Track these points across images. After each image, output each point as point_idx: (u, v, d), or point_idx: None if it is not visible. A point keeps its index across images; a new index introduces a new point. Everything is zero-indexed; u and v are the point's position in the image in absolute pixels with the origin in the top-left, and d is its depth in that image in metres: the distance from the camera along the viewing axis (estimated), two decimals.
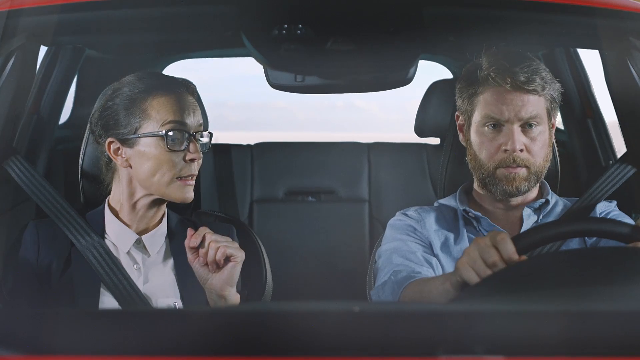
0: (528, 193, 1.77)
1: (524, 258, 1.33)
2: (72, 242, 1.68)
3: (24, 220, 1.76)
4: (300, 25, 1.93)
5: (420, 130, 2.72)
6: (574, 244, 1.72)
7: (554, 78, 1.74)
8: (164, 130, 1.63)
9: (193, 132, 1.66)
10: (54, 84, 2.66)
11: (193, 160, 1.66)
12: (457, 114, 1.83)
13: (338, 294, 2.69)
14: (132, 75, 1.71)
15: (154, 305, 1.65)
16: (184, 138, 1.65)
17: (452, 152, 1.96)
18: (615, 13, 1.83)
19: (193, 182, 1.68)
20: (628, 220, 1.69)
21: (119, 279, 1.64)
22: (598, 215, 1.77)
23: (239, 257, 1.58)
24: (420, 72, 2.44)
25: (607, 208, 1.79)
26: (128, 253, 1.70)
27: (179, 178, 1.65)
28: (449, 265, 1.72)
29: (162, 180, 1.65)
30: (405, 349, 1.00)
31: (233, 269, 1.59)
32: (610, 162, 2.68)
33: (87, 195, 1.81)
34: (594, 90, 2.84)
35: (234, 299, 1.62)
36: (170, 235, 1.75)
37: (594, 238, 1.70)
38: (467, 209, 1.78)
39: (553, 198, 1.82)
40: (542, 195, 1.80)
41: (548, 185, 1.83)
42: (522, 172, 1.71)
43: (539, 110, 1.70)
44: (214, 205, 2.81)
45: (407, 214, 1.82)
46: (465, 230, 1.77)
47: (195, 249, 1.58)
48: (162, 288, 1.68)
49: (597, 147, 2.76)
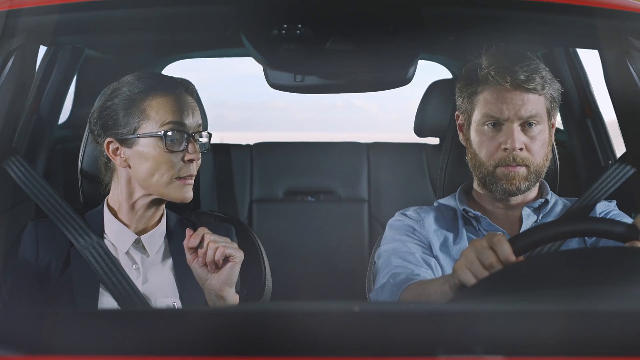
0: (528, 193, 1.77)
1: (521, 259, 1.33)
2: (71, 242, 1.68)
3: (23, 220, 1.76)
4: (300, 25, 1.93)
5: (420, 130, 2.72)
6: (574, 244, 1.72)
7: (554, 78, 1.74)
8: (163, 131, 1.63)
9: (192, 132, 1.66)
10: (54, 84, 2.66)
11: (192, 161, 1.66)
12: (457, 114, 1.83)
13: (338, 294, 2.69)
14: (131, 75, 1.71)
15: (153, 305, 1.65)
16: (183, 138, 1.65)
17: (451, 152, 1.96)
18: (615, 13, 1.83)
19: (192, 181, 1.68)
20: (628, 220, 1.69)
21: (118, 279, 1.63)
22: (598, 215, 1.77)
23: (238, 257, 1.58)
24: (420, 72, 2.44)
25: (607, 208, 1.79)
26: (127, 253, 1.70)
27: (178, 178, 1.65)
28: (448, 266, 1.72)
29: (161, 181, 1.65)
30: (405, 349, 1.00)
31: (232, 269, 1.58)
32: (610, 162, 2.68)
33: (86, 195, 1.81)
34: (594, 90, 2.83)
35: (233, 299, 1.62)
36: (169, 235, 1.75)
37: (594, 238, 1.70)
38: (466, 209, 1.78)
39: (552, 198, 1.81)
40: (541, 195, 1.80)
41: (547, 185, 1.83)
42: (521, 171, 1.71)
43: (539, 110, 1.70)
44: (214, 205, 2.81)
45: (406, 214, 1.82)
46: (465, 230, 1.77)
47: (194, 249, 1.58)
48: (161, 288, 1.68)
49: (596, 147, 2.76)
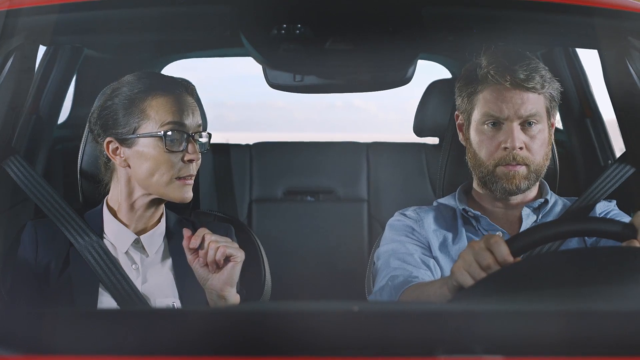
0: (527, 192, 1.77)
1: (518, 260, 1.33)
2: (70, 242, 1.68)
3: (23, 220, 1.77)
4: (299, 25, 1.93)
5: (419, 130, 2.72)
6: (574, 244, 1.72)
7: (554, 77, 1.74)
8: (163, 131, 1.63)
9: (192, 132, 1.66)
10: (53, 84, 2.65)
11: (191, 161, 1.66)
12: (456, 113, 1.83)
13: (337, 294, 2.69)
14: (131, 75, 1.70)
15: (153, 305, 1.65)
16: (183, 139, 1.64)
17: (451, 151, 1.96)
18: (614, 13, 1.83)
19: (192, 182, 1.67)
20: (627, 220, 1.69)
21: (118, 279, 1.63)
22: (598, 215, 1.77)
23: (239, 257, 1.58)
24: (419, 71, 2.44)
25: (606, 208, 1.79)
26: (126, 253, 1.70)
27: (178, 178, 1.65)
28: (448, 266, 1.72)
29: (160, 181, 1.65)
30: (405, 349, 1.00)
31: (233, 269, 1.58)
32: (609, 161, 2.68)
33: (85, 195, 1.81)
34: (593, 90, 2.83)
35: (234, 299, 1.61)
36: (169, 235, 1.75)
37: (594, 238, 1.70)
38: (466, 208, 1.78)
39: (552, 198, 1.81)
40: (541, 195, 1.80)
41: (547, 185, 1.83)
42: (521, 170, 1.71)
43: (539, 109, 1.70)
44: (213, 205, 2.81)
45: (405, 214, 1.82)
46: (464, 230, 1.77)
47: (195, 250, 1.58)
48: (160, 288, 1.68)
49: (596, 146, 2.76)
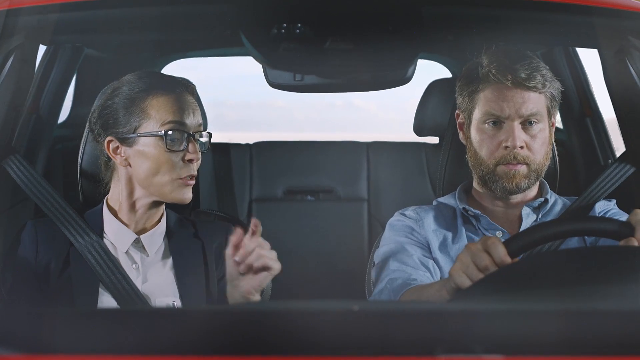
0: (527, 192, 1.77)
1: (516, 261, 1.34)
2: (70, 241, 1.68)
3: (23, 220, 1.76)
4: (299, 25, 1.93)
5: (419, 130, 2.72)
6: (573, 243, 1.72)
7: (554, 76, 1.74)
8: (164, 130, 1.63)
9: (192, 132, 1.66)
10: (53, 83, 2.65)
11: (192, 161, 1.66)
12: (457, 112, 1.83)
13: (337, 293, 2.69)
14: (131, 75, 1.70)
15: (153, 305, 1.65)
16: (184, 138, 1.64)
17: (451, 151, 1.96)
18: (614, 12, 1.83)
19: (192, 182, 1.67)
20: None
21: (118, 279, 1.63)
22: (597, 214, 1.77)
23: (276, 269, 1.55)
24: (419, 71, 2.44)
25: (606, 207, 1.79)
26: (127, 253, 1.69)
27: (178, 178, 1.65)
28: (447, 266, 1.72)
29: (161, 181, 1.65)
30: (405, 348, 1.00)
31: (265, 279, 1.55)
32: (609, 161, 2.68)
33: (86, 195, 1.81)
34: (593, 90, 2.83)
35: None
36: (169, 235, 1.74)
37: (594, 237, 1.70)
38: (466, 207, 1.78)
39: (552, 197, 1.81)
40: (541, 194, 1.80)
41: (547, 184, 1.83)
42: (522, 169, 1.71)
43: (539, 108, 1.70)
44: (213, 204, 2.81)
45: (405, 214, 1.82)
46: (464, 229, 1.77)
47: (237, 247, 1.53)
48: (160, 287, 1.68)
49: (596, 146, 2.76)
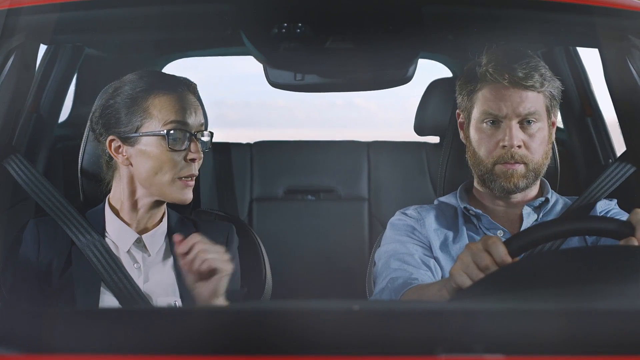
0: (528, 191, 1.77)
1: (517, 260, 1.34)
2: (72, 240, 1.68)
3: (24, 219, 1.76)
4: (300, 24, 1.93)
5: (420, 129, 2.72)
6: (574, 243, 1.72)
7: (554, 76, 1.74)
8: (166, 130, 1.63)
9: (194, 131, 1.66)
10: (54, 83, 2.65)
11: (194, 160, 1.66)
12: (457, 112, 1.83)
13: (338, 293, 2.69)
14: (132, 74, 1.70)
15: (154, 304, 1.65)
16: (185, 138, 1.65)
17: (451, 150, 1.96)
18: (615, 12, 1.83)
19: (193, 183, 1.67)
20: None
21: (119, 278, 1.63)
22: (598, 214, 1.77)
23: (226, 270, 1.53)
24: (420, 70, 2.45)
25: (607, 206, 1.79)
26: (128, 252, 1.69)
27: (180, 178, 1.65)
28: (448, 266, 1.72)
29: (162, 180, 1.65)
30: (405, 348, 1.00)
31: (219, 282, 1.53)
32: (610, 160, 2.68)
33: (86, 194, 1.81)
34: (594, 89, 2.83)
35: None
36: (170, 234, 1.74)
37: (595, 237, 1.70)
38: (467, 207, 1.78)
39: (553, 197, 1.81)
40: (542, 194, 1.80)
41: (548, 184, 1.82)
42: (520, 168, 1.71)
43: (538, 107, 1.70)
44: (214, 204, 2.81)
45: (406, 214, 1.82)
46: (465, 229, 1.77)
47: (185, 255, 1.54)
48: (162, 287, 1.68)
49: (596, 145, 2.75)
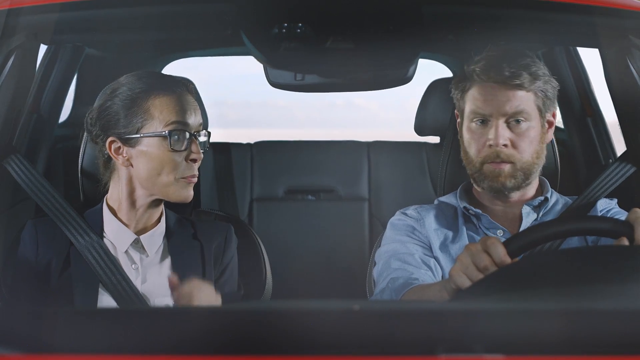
0: (527, 190, 1.77)
1: (516, 261, 1.34)
2: (71, 241, 1.68)
3: (24, 219, 1.76)
4: (300, 24, 1.93)
5: (420, 129, 2.72)
6: (575, 243, 1.72)
7: (550, 75, 1.73)
8: (167, 131, 1.63)
9: (194, 132, 1.66)
10: (54, 83, 2.65)
11: (195, 160, 1.66)
12: (456, 112, 1.83)
13: (338, 292, 2.69)
14: (129, 75, 1.70)
15: (152, 305, 1.65)
16: (186, 138, 1.65)
17: (451, 150, 1.97)
18: (615, 11, 1.83)
19: (195, 180, 1.68)
20: None
21: (118, 279, 1.63)
22: (599, 213, 1.76)
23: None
24: (420, 70, 2.45)
25: (607, 206, 1.79)
26: (126, 253, 1.69)
27: (182, 178, 1.65)
28: (448, 265, 1.72)
29: (164, 180, 1.65)
30: (405, 348, 1.00)
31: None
32: (610, 160, 2.68)
33: (86, 194, 1.81)
34: (594, 89, 2.83)
35: None
36: (168, 235, 1.74)
37: (595, 236, 1.70)
38: (467, 207, 1.78)
39: (553, 196, 1.81)
40: (541, 193, 1.80)
41: (548, 183, 1.82)
42: (507, 167, 1.70)
43: (526, 106, 1.69)
44: (214, 204, 2.81)
45: (406, 213, 1.82)
46: (465, 228, 1.77)
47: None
48: (160, 287, 1.68)
49: (596, 145, 2.75)
